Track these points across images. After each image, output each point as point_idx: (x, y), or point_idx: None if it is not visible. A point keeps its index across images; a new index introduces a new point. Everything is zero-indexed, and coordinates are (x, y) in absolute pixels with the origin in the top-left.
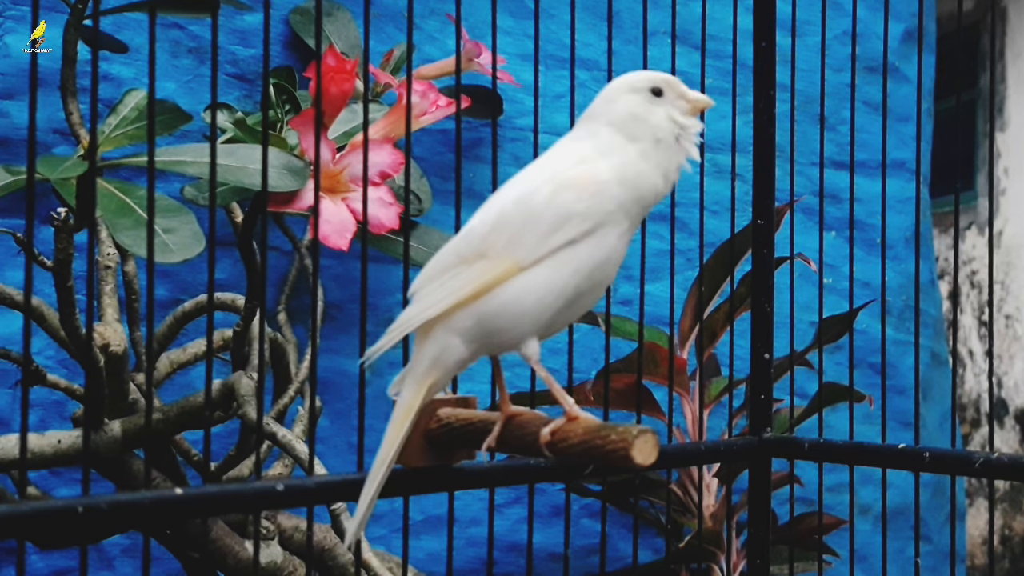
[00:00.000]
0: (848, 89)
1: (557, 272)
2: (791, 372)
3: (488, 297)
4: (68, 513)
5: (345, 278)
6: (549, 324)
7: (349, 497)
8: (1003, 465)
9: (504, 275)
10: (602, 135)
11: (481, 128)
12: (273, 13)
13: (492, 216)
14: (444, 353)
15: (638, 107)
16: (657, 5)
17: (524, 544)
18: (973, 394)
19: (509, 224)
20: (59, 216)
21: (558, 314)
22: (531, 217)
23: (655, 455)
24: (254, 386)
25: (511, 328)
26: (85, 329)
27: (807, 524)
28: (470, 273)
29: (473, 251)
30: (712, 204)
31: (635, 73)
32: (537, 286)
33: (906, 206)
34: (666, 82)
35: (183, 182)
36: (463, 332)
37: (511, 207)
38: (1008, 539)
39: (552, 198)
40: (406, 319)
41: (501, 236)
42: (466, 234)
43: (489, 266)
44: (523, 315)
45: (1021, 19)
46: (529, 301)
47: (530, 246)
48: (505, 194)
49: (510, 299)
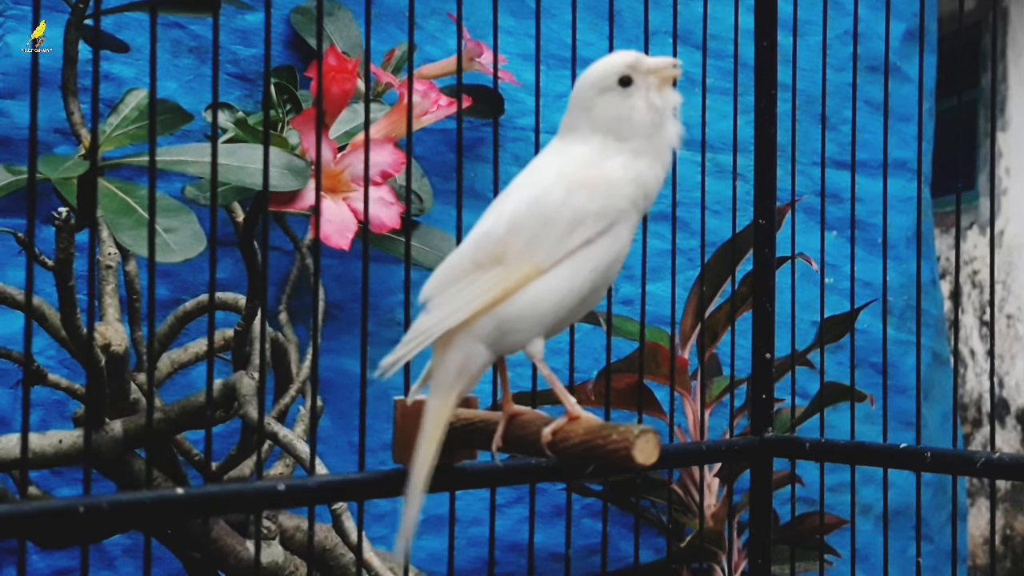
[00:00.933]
0: (849, 89)
1: (576, 272)
2: (792, 372)
3: (509, 301)
4: (69, 513)
5: (346, 278)
6: (562, 323)
7: (350, 497)
8: (1004, 465)
9: (524, 279)
10: (594, 142)
11: (482, 128)
12: (274, 13)
13: (506, 220)
14: (469, 361)
15: (615, 107)
16: (658, 5)
17: (525, 544)
18: (974, 394)
19: (525, 227)
20: (60, 216)
21: (572, 312)
22: (547, 219)
23: (656, 455)
24: (255, 386)
25: (528, 329)
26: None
27: (808, 524)
28: (489, 279)
29: (489, 256)
30: (713, 204)
31: (597, 69)
32: (557, 288)
33: (907, 206)
34: (630, 66)
35: (184, 182)
36: (484, 338)
37: (525, 210)
38: (1010, 539)
39: (566, 199)
40: (426, 328)
41: (518, 240)
42: (478, 239)
43: (508, 271)
44: (543, 317)
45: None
46: (549, 303)
47: (548, 248)
48: (515, 197)
49: (530, 302)
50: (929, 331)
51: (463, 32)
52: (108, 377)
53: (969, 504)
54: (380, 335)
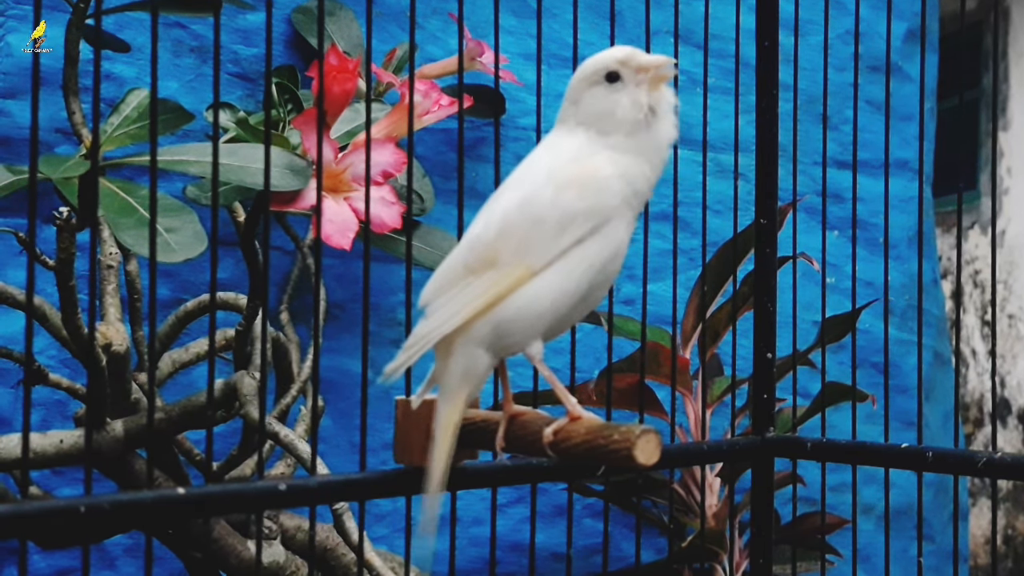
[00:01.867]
0: (851, 88)
1: (569, 272)
2: (794, 372)
3: (504, 304)
4: (70, 513)
5: (347, 277)
6: (562, 322)
7: (351, 497)
8: (1006, 465)
9: (517, 282)
10: (579, 136)
11: (484, 127)
12: (275, 12)
13: (496, 222)
14: (470, 365)
15: (600, 102)
16: (659, 4)
17: (526, 544)
18: (976, 394)
19: (515, 229)
20: (61, 216)
21: (571, 312)
22: (537, 220)
23: (657, 455)
24: (256, 386)
25: (525, 331)
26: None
27: (810, 524)
28: (481, 283)
29: (480, 260)
30: (715, 203)
31: (589, 62)
32: (551, 288)
33: (909, 205)
34: (619, 61)
35: (185, 181)
36: (482, 341)
37: (515, 212)
38: (1011, 539)
39: (555, 199)
40: (424, 334)
41: (508, 243)
42: (471, 243)
43: (500, 274)
44: (539, 318)
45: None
46: (544, 304)
47: (540, 250)
48: (505, 199)
49: (525, 304)
50: (931, 331)
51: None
52: (109, 377)
53: (971, 504)
54: (381, 335)
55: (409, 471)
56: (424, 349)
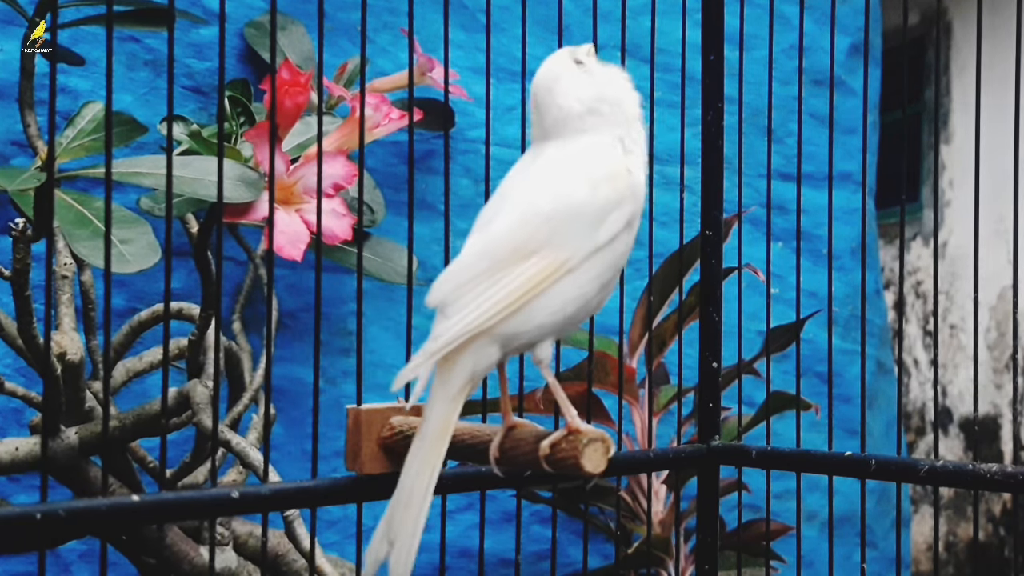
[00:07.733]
0: (795, 102)
1: (600, 268)
2: (739, 381)
3: (536, 301)
4: (26, 519)
5: (299, 288)
6: (573, 323)
7: (304, 504)
8: (948, 472)
9: (551, 276)
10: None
11: (433, 140)
12: (228, 27)
13: (530, 217)
14: (480, 361)
15: (594, 97)
16: (607, 19)
17: (476, 550)
18: (918, 402)
19: (549, 223)
20: (17, 226)
21: (579, 314)
22: (574, 215)
23: (605, 463)
24: (209, 394)
25: (543, 329)
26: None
27: (755, 530)
28: (512, 279)
29: (510, 254)
30: (661, 215)
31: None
32: (586, 283)
33: (852, 217)
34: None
35: (139, 193)
36: (500, 338)
37: (548, 206)
38: (953, 545)
39: (593, 194)
40: (459, 331)
41: (539, 236)
42: (498, 237)
43: (534, 269)
44: (567, 315)
45: (966, 33)
46: (577, 301)
47: (576, 244)
48: (530, 195)
49: (559, 300)
50: (873, 340)
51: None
52: (64, 385)
53: (913, 511)
54: (332, 344)
55: (360, 479)
56: (452, 347)
